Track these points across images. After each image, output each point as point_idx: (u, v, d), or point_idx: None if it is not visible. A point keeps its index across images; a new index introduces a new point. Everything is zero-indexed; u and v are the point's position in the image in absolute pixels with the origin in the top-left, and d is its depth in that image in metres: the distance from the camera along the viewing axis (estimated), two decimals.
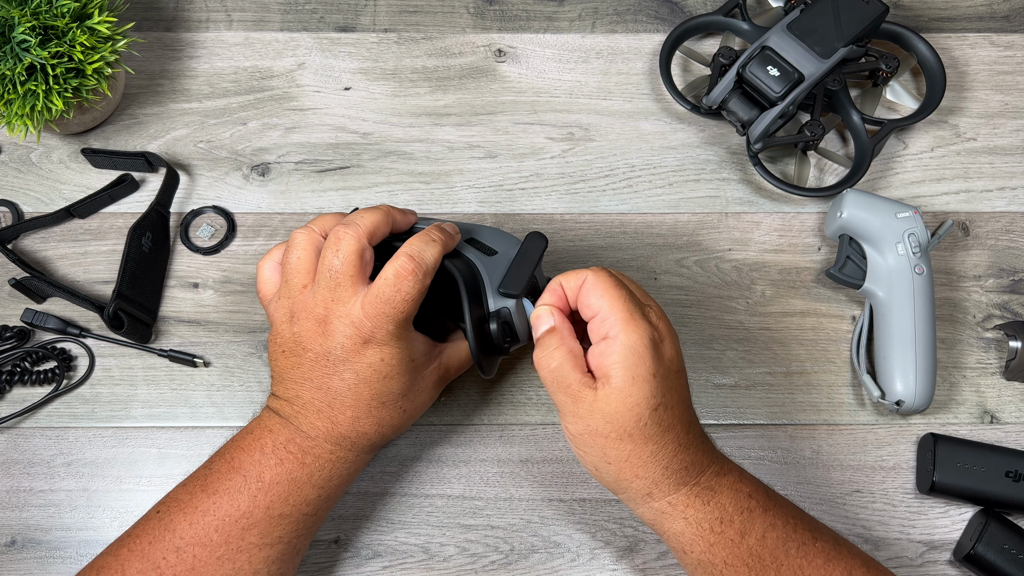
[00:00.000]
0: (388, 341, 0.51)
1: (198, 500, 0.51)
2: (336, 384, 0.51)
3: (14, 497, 0.61)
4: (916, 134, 0.71)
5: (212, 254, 0.67)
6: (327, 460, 0.52)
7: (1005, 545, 0.58)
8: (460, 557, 0.60)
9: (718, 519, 0.49)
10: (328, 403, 0.52)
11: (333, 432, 0.52)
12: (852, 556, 0.50)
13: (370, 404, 0.52)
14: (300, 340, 0.52)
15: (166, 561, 0.50)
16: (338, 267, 0.50)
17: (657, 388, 0.47)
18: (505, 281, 0.53)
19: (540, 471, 0.62)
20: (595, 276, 0.49)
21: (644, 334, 0.47)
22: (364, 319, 0.50)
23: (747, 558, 0.48)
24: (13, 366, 0.63)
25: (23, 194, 0.68)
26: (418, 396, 0.54)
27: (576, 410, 0.48)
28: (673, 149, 0.71)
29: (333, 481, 0.53)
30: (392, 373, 0.51)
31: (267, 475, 0.51)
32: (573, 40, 0.74)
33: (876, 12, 0.67)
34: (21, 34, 0.59)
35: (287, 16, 0.74)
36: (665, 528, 0.50)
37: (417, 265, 0.50)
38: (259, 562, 0.51)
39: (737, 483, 0.51)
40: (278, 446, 0.52)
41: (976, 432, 0.63)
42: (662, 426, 0.48)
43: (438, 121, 0.71)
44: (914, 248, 0.62)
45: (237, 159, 0.70)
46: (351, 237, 0.51)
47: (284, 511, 0.51)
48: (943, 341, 0.65)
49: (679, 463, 0.49)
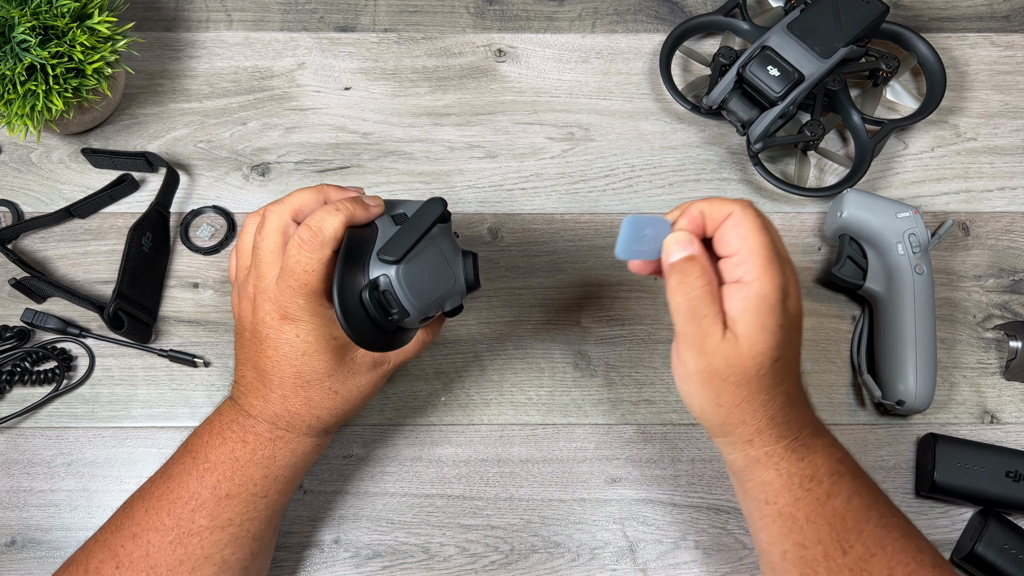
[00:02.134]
0: (302, 316, 0.50)
1: (156, 486, 0.52)
2: (263, 362, 0.51)
3: (14, 497, 0.61)
4: (916, 134, 0.71)
5: (212, 254, 0.67)
6: (267, 439, 0.52)
7: (1005, 545, 0.58)
8: (460, 557, 0.60)
9: (809, 476, 0.49)
10: (260, 381, 0.52)
11: (267, 411, 0.52)
12: (923, 537, 0.51)
13: (295, 383, 0.51)
14: (240, 319, 0.53)
15: (123, 549, 0.50)
16: (260, 245, 0.51)
17: (781, 340, 0.47)
18: (386, 247, 0.49)
19: (540, 471, 0.62)
20: (743, 213, 0.47)
21: (778, 285, 0.47)
22: (278, 294, 0.50)
23: (831, 517, 0.49)
24: (13, 366, 0.63)
25: (23, 194, 0.68)
26: (351, 379, 0.52)
27: (703, 345, 0.47)
28: (673, 149, 0.71)
29: (277, 461, 0.52)
30: (310, 350, 0.50)
31: (212, 455, 0.52)
32: (573, 40, 0.74)
33: (876, 12, 0.67)
34: (21, 34, 0.59)
35: (287, 16, 0.74)
36: (755, 476, 0.50)
37: (313, 235, 0.49)
38: (210, 545, 0.51)
39: (831, 446, 0.51)
40: (223, 426, 0.52)
41: (976, 432, 0.63)
42: (778, 377, 0.48)
43: (438, 121, 0.71)
44: (914, 248, 0.62)
45: (237, 159, 0.70)
46: (273, 215, 0.51)
47: (230, 491, 0.51)
48: (943, 341, 0.65)
49: (784, 416, 0.49)
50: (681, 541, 0.61)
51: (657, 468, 0.62)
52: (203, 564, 0.50)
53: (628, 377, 0.64)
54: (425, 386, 0.64)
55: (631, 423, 0.63)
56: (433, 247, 0.51)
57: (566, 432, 0.63)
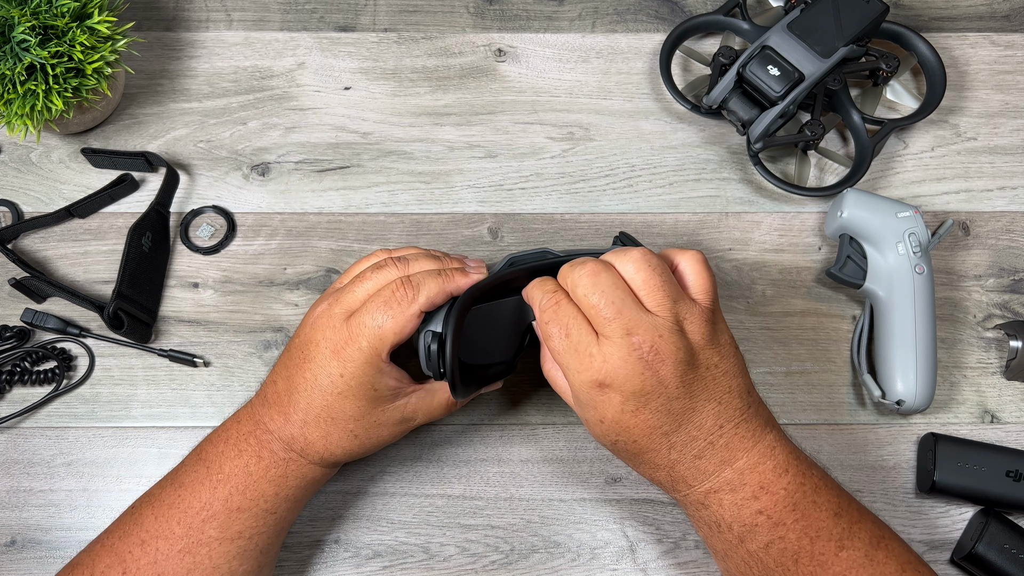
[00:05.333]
0: (354, 360, 0.50)
1: (166, 493, 0.52)
2: (298, 379, 0.52)
3: (14, 497, 0.61)
4: (916, 134, 0.71)
5: (212, 254, 0.67)
6: (281, 459, 0.52)
7: (1005, 545, 0.58)
8: (460, 557, 0.60)
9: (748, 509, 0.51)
10: (288, 397, 0.52)
11: (285, 431, 0.52)
12: None
13: (319, 414, 0.51)
14: (303, 325, 0.54)
15: (131, 555, 0.50)
16: (362, 283, 0.52)
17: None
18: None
19: (540, 471, 0.62)
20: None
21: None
22: (346, 328, 0.50)
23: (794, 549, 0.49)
24: (13, 366, 0.63)
25: (23, 194, 0.68)
26: (373, 428, 0.53)
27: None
28: (673, 149, 0.71)
29: (289, 481, 0.52)
30: (348, 392, 0.51)
31: (226, 467, 0.52)
32: (573, 40, 0.74)
33: (876, 11, 0.67)
34: (21, 34, 0.59)
35: (287, 16, 0.74)
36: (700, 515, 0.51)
37: (405, 293, 0.50)
38: (219, 556, 0.51)
39: None
40: (240, 438, 0.52)
41: (976, 432, 0.63)
42: None
43: (438, 121, 0.71)
44: (914, 248, 0.62)
45: (237, 159, 0.70)
46: (392, 269, 0.52)
47: (242, 504, 0.51)
48: (943, 341, 0.65)
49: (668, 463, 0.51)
50: (681, 541, 0.61)
51: None
52: (211, 574, 0.51)
53: None
54: None
55: None
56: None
57: (566, 432, 0.63)
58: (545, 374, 0.54)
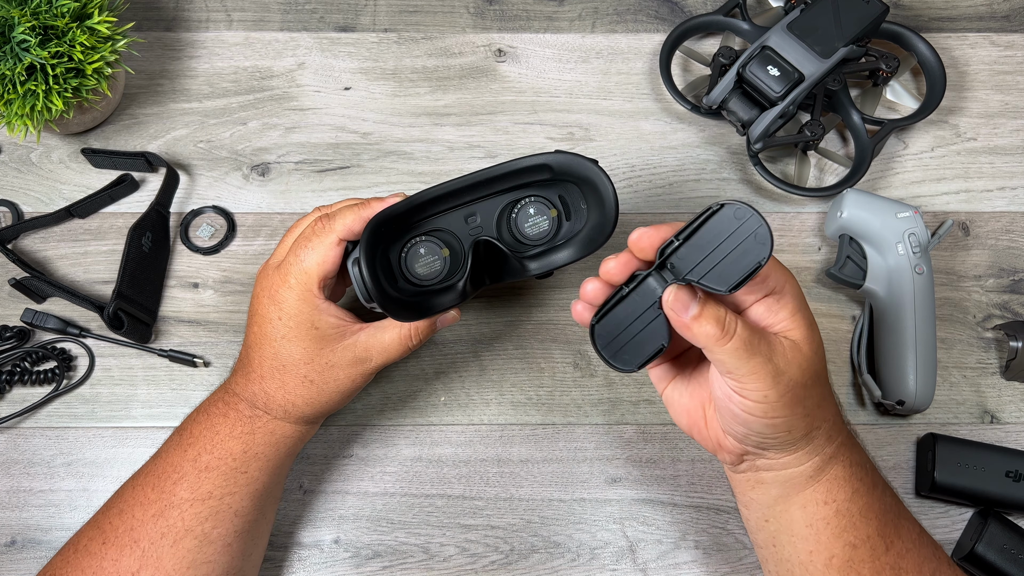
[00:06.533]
0: (287, 300, 0.52)
1: (144, 466, 0.54)
2: (250, 338, 0.54)
3: (14, 497, 0.61)
4: (916, 134, 0.71)
5: (212, 254, 0.67)
6: (246, 416, 0.53)
7: (1005, 545, 0.58)
8: (460, 557, 0.60)
9: (860, 464, 0.50)
10: (246, 355, 0.54)
11: (247, 389, 0.54)
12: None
13: (272, 364, 0.53)
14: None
15: (110, 525, 0.52)
16: (289, 234, 0.55)
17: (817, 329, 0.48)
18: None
19: (540, 471, 0.62)
20: None
21: (796, 282, 0.48)
22: (275, 274, 0.53)
23: (878, 510, 0.49)
24: (13, 366, 0.63)
25: (23, 194, 0.68)
26: (327, 371, 0.53)
27: (775, 369, 0.45)
28: (673, 149, 0.71)
29: (256, 438, 0.53)
30: (289, 335, 0.52)
31: (195, 429, 0.54)
32: (573, 40, 0.74)
33: (876, 12, 0.67)
34: (21, 34, 0.59)
35: (287, 16, 0.74)
36: (828, 473, 0.49)
37: (322, 226, 0.52)
38: (191, 518, 0.51)
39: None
40: (210, 404, 0.55)
41: (976, 432, 0.63)
42: (824, 364, 0.49)
43: (438, 121, 0.71)
44: (914, 248, 0.62)
45: (237, 159, 0.70)
46: (314, 216, 0.55)
47: (209, 463, 0.52)
48: (943, 341, 0.65)
49: (835, 400, 0.50)
50: (681, 541, 0.61)
51: (657, 468, 0.62)
52: (184, 537, 0.51)
53: (628, 377, 0.64)
54: (425, 386, 0.64)
55: (631, 423, 0.63)
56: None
57: (566, 432, 0.63)
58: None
